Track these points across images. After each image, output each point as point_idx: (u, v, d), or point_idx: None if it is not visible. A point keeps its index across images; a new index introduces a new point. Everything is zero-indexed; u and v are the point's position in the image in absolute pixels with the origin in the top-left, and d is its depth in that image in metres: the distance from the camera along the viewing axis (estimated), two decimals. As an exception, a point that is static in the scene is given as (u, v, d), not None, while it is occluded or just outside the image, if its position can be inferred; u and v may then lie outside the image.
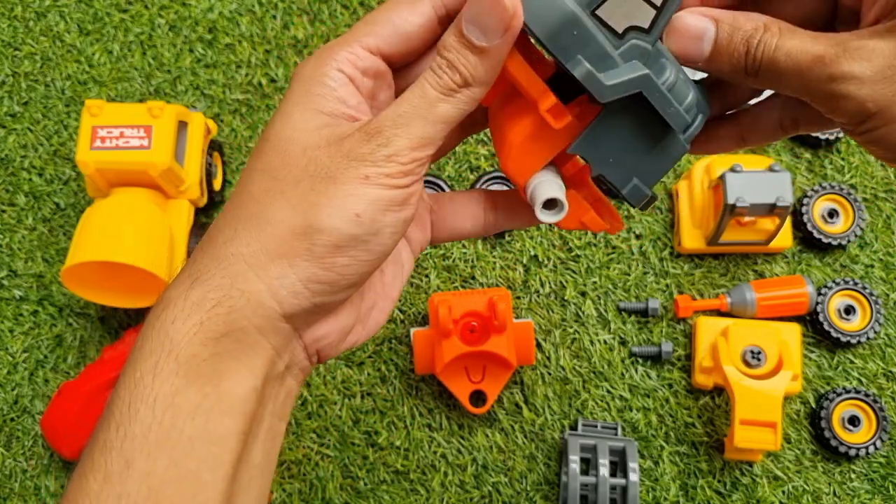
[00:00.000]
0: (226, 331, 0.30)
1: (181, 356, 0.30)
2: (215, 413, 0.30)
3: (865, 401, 0.66)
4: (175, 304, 0.31)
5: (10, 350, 0.71)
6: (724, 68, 0.32)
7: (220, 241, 0.31)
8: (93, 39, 0.78)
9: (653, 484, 0.67)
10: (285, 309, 0.31)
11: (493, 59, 0.31)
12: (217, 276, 0.31)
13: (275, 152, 0.32)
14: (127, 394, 0.30)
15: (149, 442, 0.29)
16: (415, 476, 0.67)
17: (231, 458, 0.30)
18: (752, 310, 0.68)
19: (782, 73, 0.30)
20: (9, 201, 0.74)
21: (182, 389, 0.30)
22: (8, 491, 0.68)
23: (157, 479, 0.29)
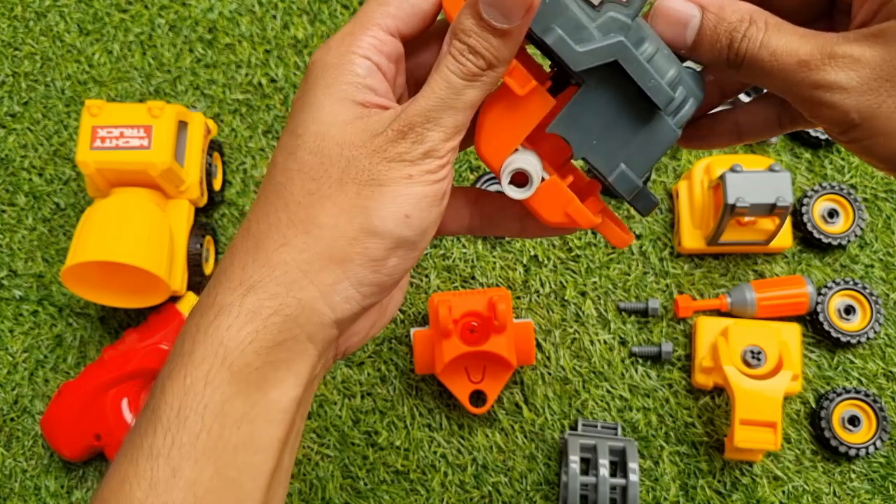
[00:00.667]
0: (280, 340, 0.30)
1: (235, 365, 0.30)
2: (260, 422, 0.30)
3: (865, 401, 0.66)
4: (230, 312, 0.30)
5: (10, 350, 0.71)
6: (707, 58, 0.31)
7: (271, 247, 0.31)
8: (93, 39, 0.78)
9: (653, 484, 0.67)
10: (338, 315, 0.31)
11: (515, 38, 0.30)
12: (272, 283, 0.30)
13: (310, 152, 0.31)
14: (176, 400, 0.30)
15: (196, 451, 0.29)
16: (415, 476, 0.67)
17: (271, 467, 0.31)
18: (752, 310, 0.68)
19: (766, 71, 0.30)
20: (9, 201, 0.74)
21: (231, 398, 0.30)
22: (8, 491, 0.68)
23: (202, 488, 0.29)
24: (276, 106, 0.75)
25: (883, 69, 0.28)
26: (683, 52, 0.31)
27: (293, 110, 0.33)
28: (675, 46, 0.31)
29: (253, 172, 0.74)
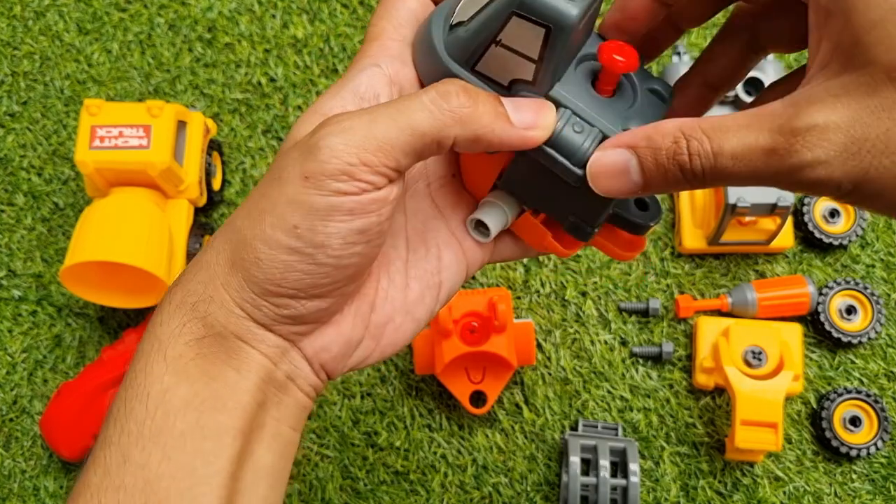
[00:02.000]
0: (205, 333, 0.30)
1: (168, 356, 0.30)
2: (207, 409, 0.30)
3: (866, 401, 0.66)
4: (161, 307, 0.31)
5: (9, 350, 0.71)
6: (666, 189, 0.29)
7: (203, 248, 0.32)
8: (92, 39, 0.77)
9: (653, 484, 0.67)
10: (256, 319, 0.31)
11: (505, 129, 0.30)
12: (194, 280, 0.31)
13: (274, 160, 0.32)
14: (124, 392, 0.31)
15: (143, 437, 0.30)
16: (415, 477, 0.67)
17: (227, 454, 0.30)
18: (753, 310, 0.68)
19: (734, 177, 0.27)
20: (8, 201, 0.74)
21: (172, 387, 0.30)
22: (7, 491, 0.68)
23: (151, 472, 0.29)
24: (276, 105, 0.75)
25: (856, 130, 0.25)
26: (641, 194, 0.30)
27: None
28: (628, 195, 0.29)
29: (252, 172, 0.74)
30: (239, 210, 0.31)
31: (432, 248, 0.35)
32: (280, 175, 0.29)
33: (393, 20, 0.33)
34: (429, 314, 0.35)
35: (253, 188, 0.32)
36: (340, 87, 0.31)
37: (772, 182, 0.27)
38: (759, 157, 0.26)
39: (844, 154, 0.25)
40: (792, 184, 0.27)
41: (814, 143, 0.25)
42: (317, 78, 0.76)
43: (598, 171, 0.29)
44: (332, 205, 0.28)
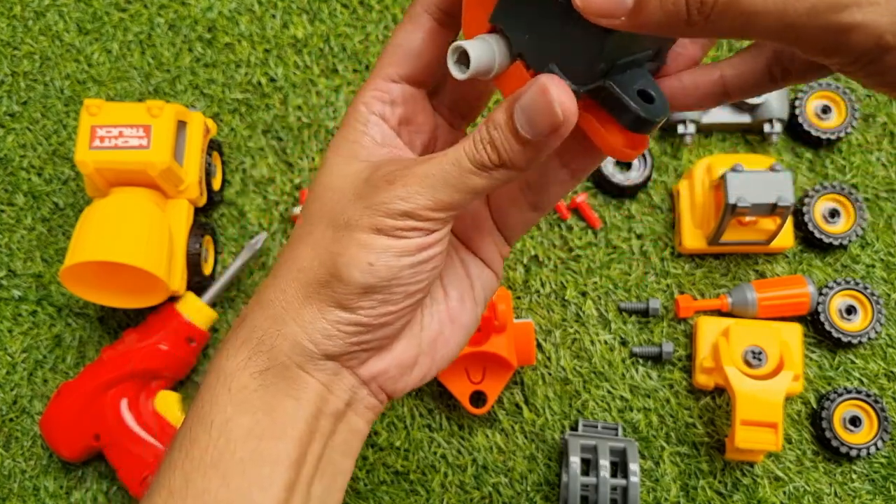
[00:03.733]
0: (269, 365, 0.32)
1: (233, 388, 0.32)
2: (266, 438, 0.32)
3: (867, 401, 0.66)
4: (228, 342, 0.34)
5: (9, 350, 0.71)
6: (655, 20, 0.25)
7: (263, 288, 0.34)
8: (92, 39, 0.77)
9: (653, 484, 0.67)
10: (322, 350, 0.33)
11: (535, 150, 0.30)
12: (261, 318, 0.33)
13: (315, 200, 0.34)
14: (189, 421, 0.33)
15: (205, 462, 0.32)
16: (415, 477, 0.67)
17: (283, 480, 0.32)
18: (753, 310, 0.68)
19: (750, 13, 0.23)
20: (7, 201, 0.74)
21: (235, 416, 0.32)
22: (7, 491, 0.68)
23: (211, 496, 0.31)
24: (276, 105, 0.75)
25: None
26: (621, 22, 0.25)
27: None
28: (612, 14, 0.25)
29: (252, 172, 0.74)
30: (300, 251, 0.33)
31: (452, 255, 0.37)
32: (348, 223, 0.32)
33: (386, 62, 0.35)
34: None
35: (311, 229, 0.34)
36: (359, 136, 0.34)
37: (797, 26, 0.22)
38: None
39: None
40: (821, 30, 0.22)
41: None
42: (317, 78, 0.76)
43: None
44: (403, 246, 0.31)
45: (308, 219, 0.34)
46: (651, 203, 0.72)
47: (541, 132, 0.29)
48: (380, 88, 0.34)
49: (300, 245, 0.33)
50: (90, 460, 0.68)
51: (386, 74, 0.34)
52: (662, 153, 0.74)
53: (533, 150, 0.30)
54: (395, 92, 0.34)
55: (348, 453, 0.35)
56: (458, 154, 0.30)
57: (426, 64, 0.34)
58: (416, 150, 0.36)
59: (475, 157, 0.30)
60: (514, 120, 0.29)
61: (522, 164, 0.30)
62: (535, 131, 0.29)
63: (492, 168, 0.30)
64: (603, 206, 0.72)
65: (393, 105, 0.34)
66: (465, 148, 0.30)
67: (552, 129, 0.29)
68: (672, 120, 0.72)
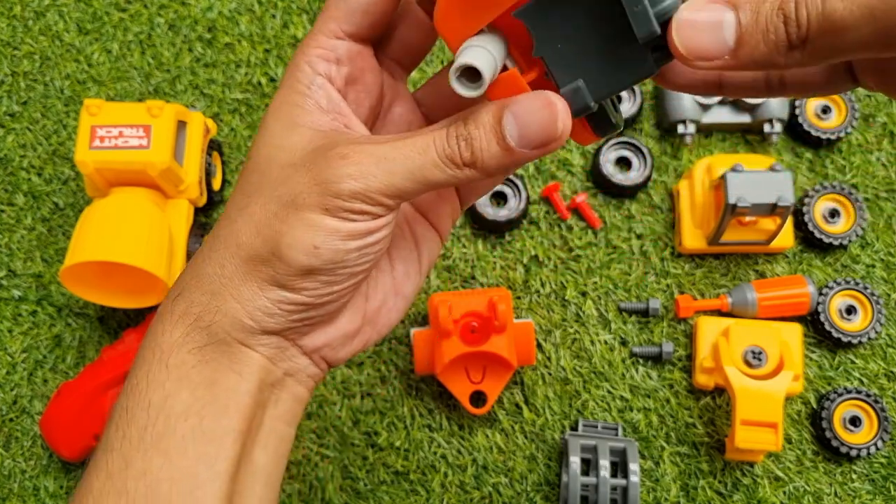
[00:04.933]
0: (209, 341, 0.31)
1: (171, 364, 0.31)
2: (208, 413, 0.31)
3: (866, 401, 0.66)
4: (163, 317, 0.32)
5: (9, 350, 0.71)
6: (758, 54, 0.25)
7: (199, 259, 0.33)
8: (92, 39, 0.77)
9: (653, 484, 0.67)
10: (263, 327, 0.32)
11: (513, 160, 0.29)
12: (197, 292, 0.32)
13: (255, 170, 0.32)
14: (125, 400, 0.32)
15: (144, 442, 0.30)
16: (415, 477, 0.67)
17: (228, 456, 0.31)
18: (753, 310, 0.68)
19: (844, 26, 0.23)
20: (8, 201, 0.74)
21: (173, 393, 0.31)
22: (7, 491, 0.68)
23: (153, 477, 0.30)
24: (276, 105, 0.75)
25: None
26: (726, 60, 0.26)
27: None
28: (712, 57, 0.26)
29: (252, 172, 0.74)
30: (240, 225, 0.31)
31: (404, 227, 0.37)
32: (294, 200, 0.30)
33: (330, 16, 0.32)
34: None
35: (248, 202, 0.32)
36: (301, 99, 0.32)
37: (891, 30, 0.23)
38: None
39: None
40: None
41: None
42: (317, 78, 0.76)
43: (686, 21, 0.26)
44: (350, 229, 0.30)
45: (245, 189, 0.32)
46: (651, 203, 0.72)
47: (530, 143, 0.29)
48: (324, 46, 0.32)
49: (239, 219, 0.31)
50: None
51: (330, 30, 0.32)
52: (662, 153, 0.74)
53: (511, 158, 0.29)
54: (341, 49, 0.32)
55: (291, 421, 0.35)
56: (426, 143, 0.29)
57: (375, 18, 0.32)
58: (363, 111, 0.34)
59: (445, 151, 0.29)
60: (503, 125, 0.29)
61: (493, 169, 0.29)
62: (523, 141, 0.29)
63: (460, 166, 0.29)
64: (603, 206, 0.72)
65: (339, 64, 0.32)
66: (435, 139, 0.29)
67: (544, 143, 0.29)
68: (672, 120, 0.72)
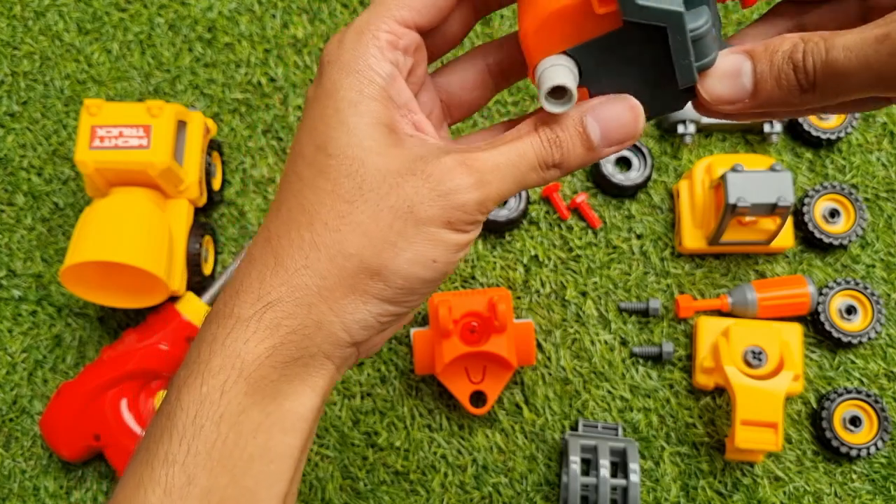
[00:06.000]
0: (297, 356, 0.31)
1: (252, 377, 0.30)
2: (276, 432, 0.31)
3: (867, 401, 0.66)
4: (247, 325, 0.30)
5: (9, 350, 0.71)
6: (775, 96, 0.29)
7: (292, 267, 0.30)
8: (92, 39, 0.77)
9: (654, 484, 0.67)
10: (355, 338, 0.32)
11: (593, 158, 0.31)
12: (291, 303, 0.30)
13: (346, 175, 0.30)
14: (192, 408, 0.30)
15: (212, 459, 0.29)
16: (415, 477, 0.67)
17: (288, 476, 0.31)
18: (754, 310, 0.68)
19: (845, 72, 0.27)
20: (7, 201, 0.74)
21: (248, 408, 0.30)
22: (7, 491, 0.68)
23: (216, 497, 0.29)
24: (276, 105, 0.75)
25: None
26: (747, 103, 0.30)
27: (313, 117, 0.31)
28: (735, 101, 0.30)
29: (252, 172, 0.74)
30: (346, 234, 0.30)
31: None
32: (413, 212, 0.30)
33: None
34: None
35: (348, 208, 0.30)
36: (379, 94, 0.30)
37: (885, 76, 0.26)
38: (870, 44, 0.26)
39: None
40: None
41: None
42: (317, 78, 0.76)
43: (709, 72, 0.30)
44: (467, 241, 0.31)
45: (343, 196, 0.30)
46: (651, 203, 0.72)
47: (612, 141, 0.31)
48: (395, 32, 0.30)
49: (344, 227, 0.30)
50: (90, 460, 0.68)
51: (401, 17, 0.31)
52: (662, 153, 0.74)
53: (592, 156, 0.31)
54: (408, 39, 0.31)
55: (317, 423, 0.35)
56: (525, 149, 0.30)
57: (443, 17, 0.32)
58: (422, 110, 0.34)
59: (542, 154, 0.30)
60: (587, 126, 0.30)
61: (574, 167, 0.31)
62: (605, 141, 0.31)
63: (550, 167, 0.31)
64: (603, 206, 0.72)
65: (405, 54, 0.31)
66: (532, 144, 0.30)
67: (623, 141, 0.31)
68: (672, 120, 0.72)
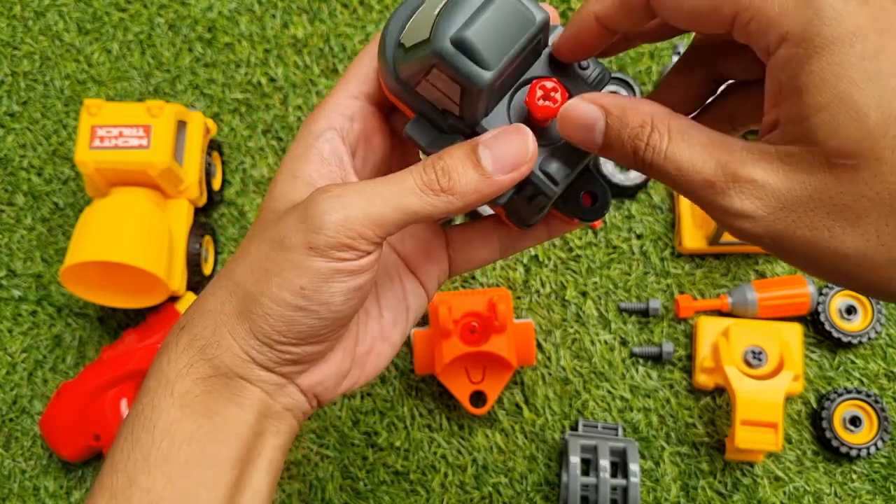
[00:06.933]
0: (212, 373, 0.33)
1: (176, 392, 0.33)
2: (209, 441, 0.33)
3: (867, 401, 0.66)
4: (168, 348, 0.34)
5: (9, 350, 0.71)
6: (618, 161, 0.30)
7: (204, 296, 0.34)
8: (92, 39, 0.77)
9: (654, 484, 0.67)
10: (259, 363, 0.34)
11: (491, 186, 0.31)
12: (200, 325, 0.34)
13: (259, 219, 0.35)
14: (131, 424, 0.33)
15: (149, 463, 0.32)
16: (415, 477, 0.67)
17: (227, 480, 0.33)
18: (754, 310, 0.68)
19: (673, 184, 0.29)
20: (8, 201, 0.74)
21: (178, 420, 0.33)
22: (7, 491, 0.68)
23: (156, 495, 0.32)
24: (276, 105, 0.75)
25: (788, 199, 0.26)
26: (596, 153, 0.31)
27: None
28: (586, 148, 0.31)
29: (252, 172, 0.74)
30: (238, 265, 0.33)
31: (395, 277, 0.39)
32: (283, 241, 0.32)
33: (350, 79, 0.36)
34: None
35: (248, 244, 0.34)
36: (306, 151, 0.34)
37: (700, 205, 0.29)
38: (698, 181, 0.28)
39: (771, 216, 0.27)
40: (718, 219, 0.28)
41: (746, 196, 0.27)
42: (317, 78, 0.76)
43: (569, 115, 0.31)
44: (335, 269, 0.31)
45: (249, 234, 0.34)
46: (651, 203, 0.72)
47: (506, 167, 0.31)
48: (341, 103, 0.35)
49: (240, 259, 0.34)
50: (90, 460, 0.68)
51: (348, 90, 0.35)
52: (662, 153, 0.73)
53: (488, 182, 0.31)
54: (354, 108, 0.35)
55: (283, 448, 0.36)
56: (404, 174, 0.32)
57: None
58: (367, 169, 0.37)
59: (423, 178, 0.31)
60: (478, 153, 0.31)
61: (469, 197, 0.31)
62: (498, 165, 0.31)
63: (437, 192, 0.31)
64: (603, 206, 0.72)
65: (352, 121, 0.35)
66: (412, 170, 0.32)
67: (517, 164, 0.31)
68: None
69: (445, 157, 0.31)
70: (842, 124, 0.25)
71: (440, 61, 0.29)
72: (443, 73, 0.30)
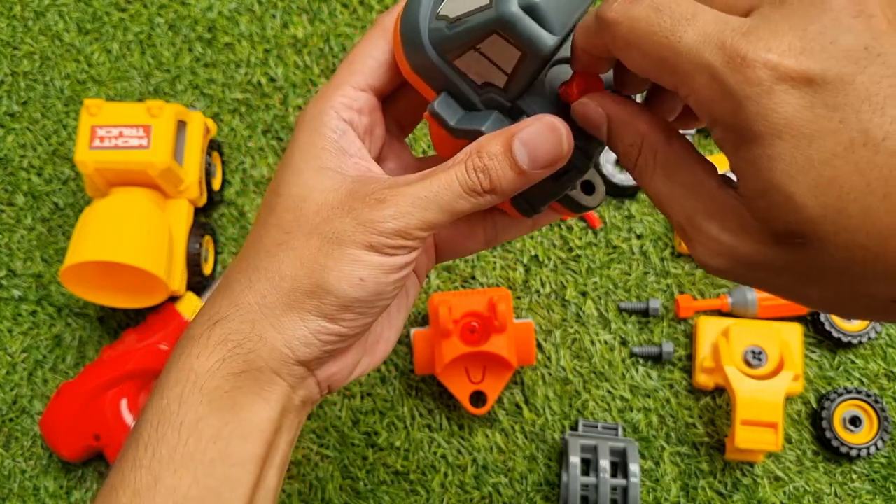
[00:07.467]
0: (245, 368, 0.33)
1: (205, 388, 0.33)
2: (235, 439, 0.33)
3: (867, 401, 0.66)
4: (199, 341, 0.34)
5: (9, 350, 0.71)
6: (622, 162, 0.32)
7: (237, 289, 0.34)
8: (92, 39, 0.77)
9: (654, 484, 0.67)
10: (298, 356, 0.34)
11: (527, 181, 0.33)
12: (237, 320, 0.34)
13: (287, 210, 0.34)
14: (155, 418, 0.33)
15: (174, 461, 0.32)
16: (415, 477, 0.67)
17: (250, 480, 0.34)
18: (754, 310, 0.68)
19: (659, 207, 0.30)
20: (7, 201, 0.74)
21: (205, 417, 0.33)
22: (7, 491, 0.68)
23: (181, 495, 0.32)
24: (276, 105, 0.75)
25: (746, 261, 0.27)
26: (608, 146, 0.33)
27: (278, 169, 0.36)
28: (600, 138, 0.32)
29: (252, 172, 0.74)
30: (282, 259, 0.34)
31: None
32: (339, 238, 0.33)
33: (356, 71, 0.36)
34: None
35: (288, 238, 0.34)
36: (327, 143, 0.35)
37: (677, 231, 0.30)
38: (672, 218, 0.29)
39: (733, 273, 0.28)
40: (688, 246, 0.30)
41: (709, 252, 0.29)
42: (317, 78, 0.76)
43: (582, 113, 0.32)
44: (393, 263, 0.33)
45: (283, 227, 0.34)
46: (651, 203, 0.72)
47: (540, 164, 0.32)
48: (349, 96, 0.35)
49: (281, 252, 0.34)
50: (90, 460, 0.68)
51: (356, 82, 0.35)
52: (662, 153, 0.74)
53: (525, 179, 0.33)
54: (363, 101, 0.35)
55: (292, 444, 0.37)
56: (450, 179, 0.32)
57: (393, 76, 0.36)
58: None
59: (467, 183, 0.32)
60: (514, 151, 0.32)
61: (510, 192, 0.33)
62: (534, 164, 0.32)
63: (482, 194, 0.33)
64: (603, 206, 0.72)
65: (360, 114, 0.36)
66: (457, 174, 0.32)
67: (552, 162, 0.32)
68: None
69: (484, 158, 0.32)
70: (782, 211, 0.25)
71: (507, 25, 0.29)
72: (507, 38, 0.30)
